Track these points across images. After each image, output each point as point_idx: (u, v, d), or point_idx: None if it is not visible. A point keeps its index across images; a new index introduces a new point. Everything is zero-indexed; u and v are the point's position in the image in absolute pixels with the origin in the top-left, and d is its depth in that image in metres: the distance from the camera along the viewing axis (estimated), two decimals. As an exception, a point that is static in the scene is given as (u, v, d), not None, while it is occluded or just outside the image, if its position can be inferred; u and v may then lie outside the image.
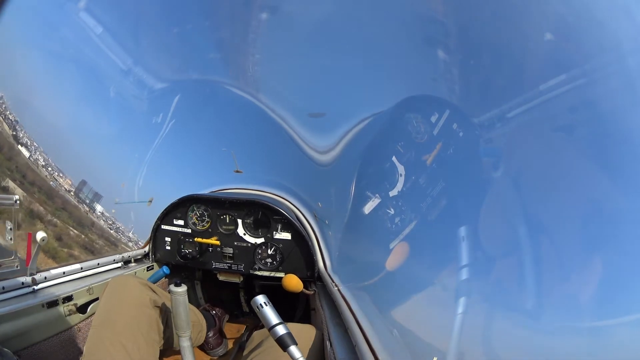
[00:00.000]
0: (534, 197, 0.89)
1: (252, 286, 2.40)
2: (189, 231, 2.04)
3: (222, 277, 2.09)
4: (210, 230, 2.03)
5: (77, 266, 1.63)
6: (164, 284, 2.08)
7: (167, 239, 2.06)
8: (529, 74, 0.92)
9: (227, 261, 2.02)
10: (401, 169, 1.39)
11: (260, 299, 1.14)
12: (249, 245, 1.99)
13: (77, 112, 2.22)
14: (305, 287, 1.75)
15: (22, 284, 1.37)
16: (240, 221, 2.00)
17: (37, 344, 1.31)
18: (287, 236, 1.96)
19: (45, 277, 1.46)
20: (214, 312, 2.07)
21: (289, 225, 1.97)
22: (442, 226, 1.16)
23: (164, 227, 2.06)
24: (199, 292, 2.43)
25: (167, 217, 2.06)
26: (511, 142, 0.97)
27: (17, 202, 1.45)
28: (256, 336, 1.43)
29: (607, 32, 0.75)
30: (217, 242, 1.99)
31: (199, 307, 2.03)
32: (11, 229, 1.42)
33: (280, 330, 1.08)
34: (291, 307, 2.34)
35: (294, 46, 1.94)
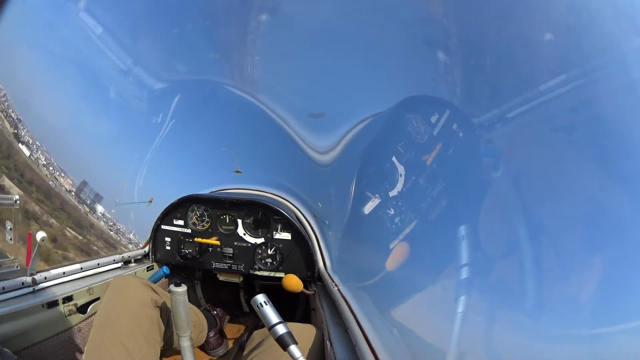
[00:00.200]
0: (534, 198, 0.89)
1: (252, 286, 2.40)
2: (189, 231, 2.04)
3: (222, 277, 2.09)
4: (210, 230, 2.03)
5: (77, 266, 1.63)
6: (164, 284, 2.08)
7: (167, 239, 2.06)
8: (529, 74, 0.92)
9: (227, 261, 2.02)
10: (401, 169, 1.39)
11: (260, 298, 1.14)
12: (249, 245, 1.99)
13: (77, 112, 2.22)
14: (305, 287, 1.75)
15: (22, 284, 1.37)
16: (240, 221, 2.00)
17: (37, 344, 1.31)
18: (287, 236, 1.96)
19: (45, 277, 1.46)
20: (215, 312, 2.08)
21: (289, 225, 1.97)
22: (442, 226, 1.16)
23: (164, 227, 2.06)
24: (199, 292, 2.43)
25: (167, 217, 2.06)
26: (511, 143, 0.97)
27: (17, 202, 1.45)
28: (256, 336, 1.43)
29: (607, 32, 0.76)
30: (217, 242, 2.00)
31: (200, 307, 2.04)
32: (11, 229, 1.42)
33: (280, 329, 1.08)
34: (291, 307, 2.35)
35: (294, 46, 1.94)
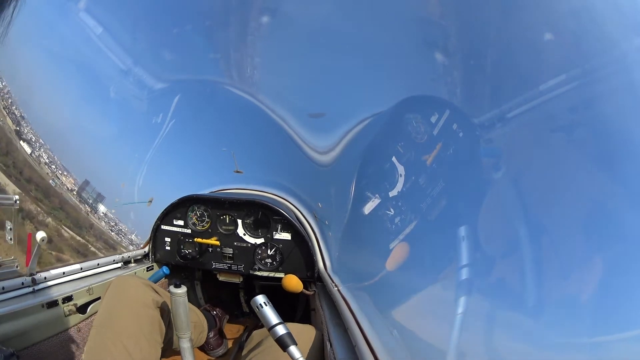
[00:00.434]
0: (534, 198, 0.89)
1: (252, 286, 2.40)
2: (189, 231, 2.04)
3: (222, 277, 2.09)
4: (210, 230, 2.03)
5: (77, 266, 1.63)
6: (164, 284, 2.08)
7: (167, 239, 2.06)
8: (528, 74, 0.92)
9: (227, 261, 2.02)
10: (401, 169, 1.39)
11: (260, 298, 1.14)
12: (249, 245, 1.99)
13: (77, 112, 2.22)
14: (305, 287, 1.74)
15: (22, 284, 1.37)
16: (240, 221, 2.00)
17: (37, 344, 1.31)
18: (287, 236, 1.96)
19: (45, 277, 1.46)
20: (215, 312, 2.08)
21: (289, 225, 1.97)
22: (442, 227, 1.16)
23: (163, 227, 2.06)
24: (199, 293, 2.43)
25: (167, 217, 2.06)
26: (511, 143, 0.97)
27: (17, 202, 1.45)
28: (256, 336, 1.43)
29: (607, 32, 0.76)
30: (217, 243, 1.99)
31: (200, 308, 2.03)
32: (11, 229, 1.42)
33: (280, 330, 1.08)
34: (291, 308, 2.34)
35: (294, 46, 1.94)
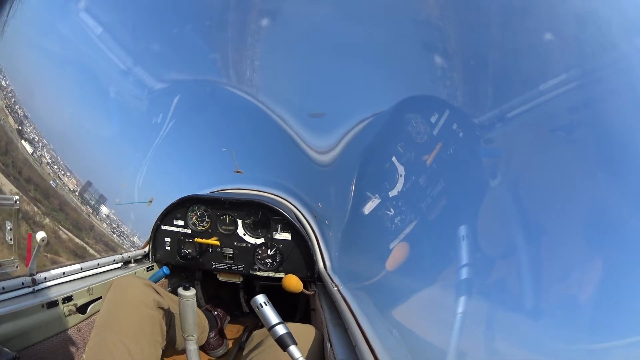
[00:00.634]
0: (534, 197, 0.89)
1: (252, 286, 2.40)
2: (189, 231, 2.04)
3: (222, 277, 2.09)
4: (210, 230, 2.03)
5: (77, 266, 1.63)
6: (164, 285, 2.09)
7: (167, 240, 2.06)
8: (528, 75, 0.92)
9: (227, 261, 2.02)
10: (401, 169, 1.39)
11: (260, 298, 1.14)
12: (249, 245, 1.99)
13: (77, 112, 2.22)
14: (305, 287, 1.74)
15: (22, 284, 1.37)
16: (240, 221, 2.00)
17: (37, 344, 1.31)
18: (287, 236, 1.96)
19: (45, 278, 1.46)
20: (216, 312, 2.07)
21: (289, 225, 1.97)
22: (442, 227, 1.16)
23: (163, 227, 2.06)
24: (199, 293, 2.43)
25: (167, 217, 2.06)
26: (511, 143, 0.97)
27: (17, 202, 1.45)
28: (256, 336, 1.43)
29: (607, 32, 0.75)
30: (217, 243, 1.99)
31: (200, 308, 2.03)
32: (11, 229, 1.42)
33: (280, 330, 1.08)
34: (291, 308, 2.34)
35: (294, 46, 1.94)
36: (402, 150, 1.41)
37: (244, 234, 2.00)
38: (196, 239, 2.00)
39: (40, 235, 1.34)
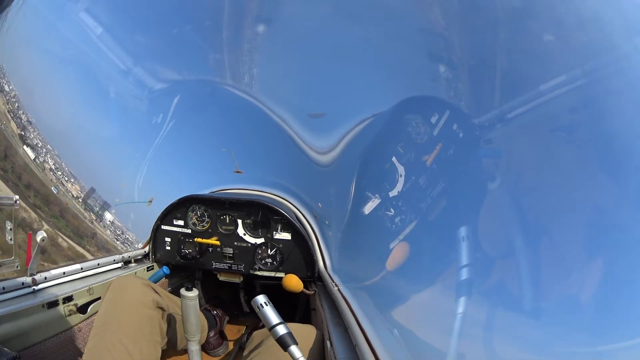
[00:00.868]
0: (535, 198, 0.89)
1: (253, 286, 2.40)
2: (189, 231, 2.04)
3: (222, 277, 2.09)
4: (210, 230, 2.03)
5: (77, 266, 1.63)
6: (164, 284, 2.09)
7: (167, 239, 2.06)
8: (528, 75, 0.92)
9: (227, 261, 2.02)
10: (401, 169, 1.39)
11: (260, 298, 1.14)
12: (249, 245, 1.99)
13: (77, 112, 2.22)
14: (305, 287, 1.75)
15: (22, 284, 1.37)
16: (240, 221, 2.00)
17: (37, 344, 1.31)
18: (287, 236, 1.96)
19: (45, 278, 1.45)
20: (215, 312, 2.07)
21: (289, 225, 1.97)
22: (442, 227, 1.16)
23: (164, 227, 2.06)
24: (199, 293, 2.43)
25: (167, 217, 2.06)
26: (511, 143, 0.97)
27: (17, 202, 1.45)
28: (256, 336, 1.43)
29: (607, 32, 0.76)
30: (217, 243, 1.99)
31: (200, 308, 2.03)
32: (11, 229, 1.42)
33: (280, 330, 1.08)
34: (291, 307, 2.34)
35: (294, 46, 1.94)
36: (402, 150, 1.41)
37: (244, 234, 2.00)
38: (196, 239, 2.00)
39: (40, 235, 1.34)
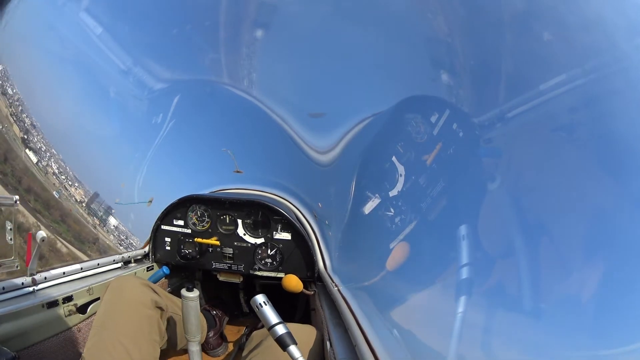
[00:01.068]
0: (535, 198, 0.89)
1: (252, 286, 2.40)
2: (189, 231, 2.04)
3: (222, 277, 2.09)
4: (210, 230, 2.03)
5: (77, 266, 1.63)
6: (164, 284, 2.09)
7: (167, 239, 2.06)
8: (528, 74, 0.92)
9: (227, 261, 2.02)
10: (401, 169, 1.39)
11: (259, 298, 1.14)
12: (249, 245, 1.99)
13: (76, 112, 2.22)
14: (305, 287, 1.74)
15: (22, 284, 1.37)
16: (240, 221, 2.00)
17: (37, 344, 1.31)
18: (287, 236, 1.96)
19: (45, 278, 1.46)
20: (215, 312, 2.07)
21: (289, 225, 1.97)
22: (442, 227, 1.16)
23: (164, 227, 2.06)
24: (199, 293, 2.42)
25: (167, 217, 2.06)
26: (511, 143, 0.97)
27: (17, 202, 1.45)
28: (255, 336, 1.42)
29: (606, 32, 0.75)
30: (217, 243, 1.99)
31: (200, 308, 2.03)
32: (11, 229, 1.42)
33: (279, 329, 1.08)
34: (291, 308, 2.34)
35: (294, 46, 1.94)
36: (402, 150, 1.41)
37: (244, 234, 2.00)
38: (196, 239, 2.00)
39: (40, 234, 1.34)
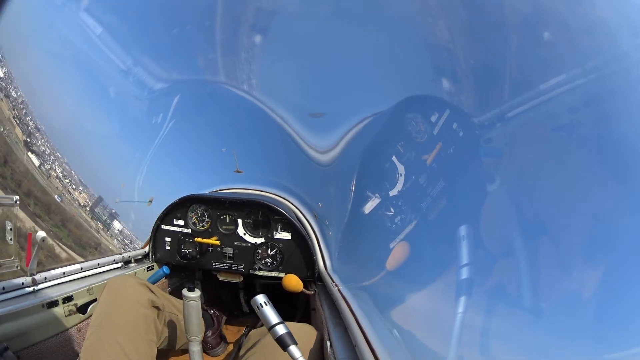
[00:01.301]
0: (536, 198, 0.88)
1: (252, 286, 2.40)
2: (189, 231, 2.04)
3: (222, 277, 2.09)
4: (210, 230, 2.03)
5: (77, 266, 1.63)
6: (163, 284, 2.09)
7: (167, 239, 2.06)
8: (529, 74, 0.91)
9: (227, 261, 2.02)
10: (401, 168, 1.39)
11: (260, 298, 1.14)
12: (249, 245, 1.99)
13: (76, 113, 2.22)
14: (305, 287, 1.74)
15: (22, 284, 1.37)
16: (240, 221, 2.00)
17: (37, 344, 1.31)
18: (287, 236, 1.96)
19: (45, 278, 1.46)
20: (213, 311, 2.07)
21: (289, 225, 1.97)
22: (442, 226, 1.16)
23: (164, 227, 2.06)
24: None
25: (167, 217, 2.06)
26: (512, 143, 0.97)
27: (17, 202, 1.45)
28: (253, 335, 1.42)
29: (606, 32, 0.75)
30: (217, 242, 1.99)
31: None
32: (11, 229, 1.42)
33: (280, 329, 1.08)
34: (291, 307, 2.34)
35: (294, 46, 1.94)
36: (402, 149, 1.41)
37: (244, 234, 2.00)
38: (196, 239, 2.00)
39: (40, 234, 1.34)
